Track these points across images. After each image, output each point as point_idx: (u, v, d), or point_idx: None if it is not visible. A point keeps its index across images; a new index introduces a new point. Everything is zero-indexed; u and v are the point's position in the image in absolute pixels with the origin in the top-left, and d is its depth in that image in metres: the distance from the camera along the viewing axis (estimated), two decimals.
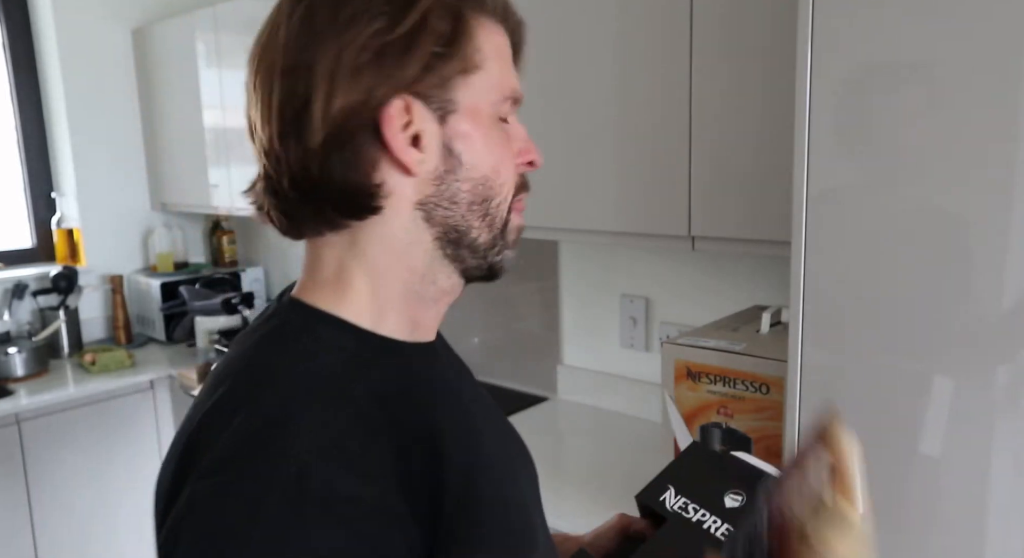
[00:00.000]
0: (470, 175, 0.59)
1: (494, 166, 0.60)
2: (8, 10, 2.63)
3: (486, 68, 0.59)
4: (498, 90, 0.60)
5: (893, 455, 0.92)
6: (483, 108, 0.59)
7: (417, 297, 0.62)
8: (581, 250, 2.01)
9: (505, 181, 0.61)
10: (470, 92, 0.59)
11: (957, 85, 0.83)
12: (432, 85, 0.57)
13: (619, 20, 1.44)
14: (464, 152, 0.59)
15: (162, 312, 2.65)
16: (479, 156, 0.59)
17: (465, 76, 0.58)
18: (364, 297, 0.60)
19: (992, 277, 0.83)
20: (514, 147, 0.62)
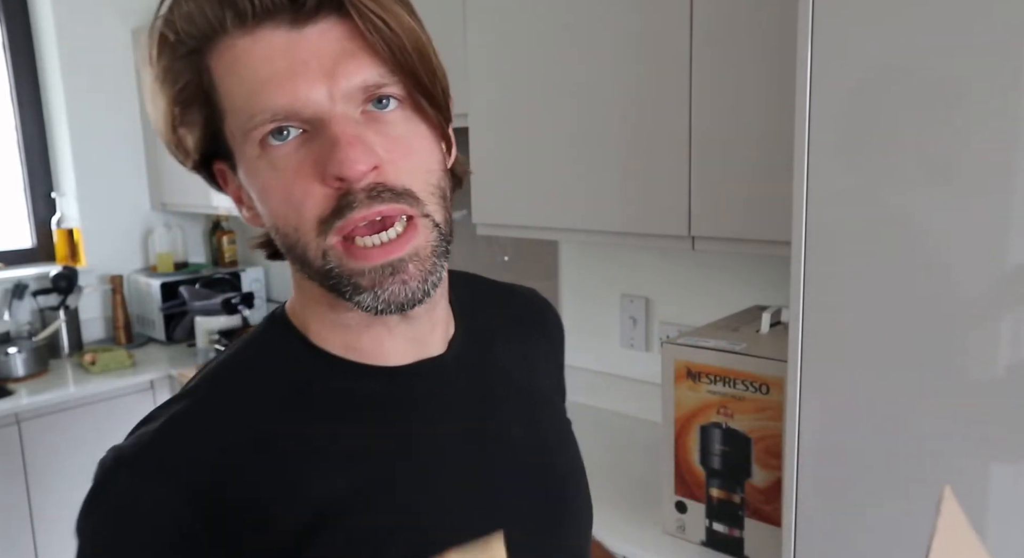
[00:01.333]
0: (268, 225, 0.55)
1: (275, 211, 0.53)
2: (8, 10, 2.63)
3: (226, 107, 0.52)
4: (242, 125, 0.51)
5: (893, 455, 0.92)
6: (244, 155, 0.52)
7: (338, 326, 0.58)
8: (581, 250, 2.01)
9: (299, 224, 0.51)
10: (230, 139, 0.53)
11: (958, 86, 0.83)
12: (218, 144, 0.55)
13: (619, 19, 1.44)
14: (255, 203, 0.55)
15: (162, 312, 2.65)
16: (261, 204, 0.54)
17: (223, 125, 0.53)
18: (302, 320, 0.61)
19: (992, 277, 0.83)
20: (317, 168, 0.50)
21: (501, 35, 1.63)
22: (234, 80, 0.50)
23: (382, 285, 0.52)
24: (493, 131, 1.68)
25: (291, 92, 0.49)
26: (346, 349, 0.58)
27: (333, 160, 0.49)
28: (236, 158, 0.53)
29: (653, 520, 1.37)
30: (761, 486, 1.22)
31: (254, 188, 0.53)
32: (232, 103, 0.51)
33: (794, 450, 1.00)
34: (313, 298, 0.58)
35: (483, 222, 1.76)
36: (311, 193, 0.50)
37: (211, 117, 0.53)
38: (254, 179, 0.52)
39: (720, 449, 1.26)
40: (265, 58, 0.49)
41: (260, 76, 0.49)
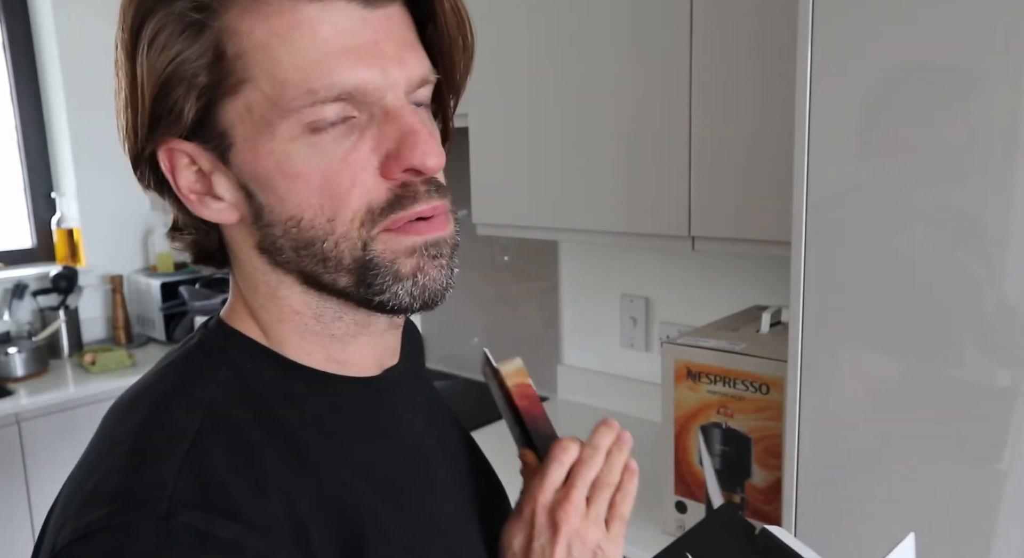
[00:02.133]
0: (275, 219, 0.48)
1: (303, 200, 0.47)
2: (8, 10, 2.63)
3: (254, 76, 0.45)
4: (285, 99, 0.45)
5: (893, 455, 0.92)
6: (271, 131, 0.46)
7: (322, 338, 0.53)
8: (581, 250, 2.01)
9: (336, 215, 0.47)
10: (242, 116, 0.46)
11: (958, 86, 0.83)
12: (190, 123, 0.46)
13: (619, 19, 1.44)
14: (259, 193, 0.48)
15: (162, 312, 2.65)
16: (277, 195, 0.47)
17: (228, 98, 0.46)
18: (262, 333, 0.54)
19: (992, 277, 0.83)
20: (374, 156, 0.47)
21: (501, 35, 1.63)
22: (286, 49, 0.44)
23: (423, 270, 0.49)
24: (493, 131, 1.68)
25: (376, 71, 0.45)
26: (327, 361, 0.54)
27: (414, 151, 0.46)
28: (235, 141, 0.47)
29: (653, 520, 1.37)
30: (761, 486, 1.22)
31: (272, 173, 0.46)
32: (275, 74, 0.44)
33: (794, 450, 1.00)
34: (293, 310, 0.52)
35: (483, 222, 1.76)
36: (362, 182, 0.47)
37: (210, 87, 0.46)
38: (280, 164, 0.46)
39: (720, 449, 1.26)
40: (339, 31, 0.44)
41: (331, 49, 0.44)
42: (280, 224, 0.48)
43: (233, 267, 0.54)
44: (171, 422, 0.48)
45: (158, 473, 0.45)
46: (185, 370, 0.52)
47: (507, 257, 2.19)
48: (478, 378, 2.38)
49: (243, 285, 0.53)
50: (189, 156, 0.48)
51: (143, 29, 0.45)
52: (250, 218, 0.49)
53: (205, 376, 0.51)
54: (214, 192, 0.49)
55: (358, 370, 0.56)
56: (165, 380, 0.52)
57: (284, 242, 0.49)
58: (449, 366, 2.40)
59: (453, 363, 2.40)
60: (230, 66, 0.45)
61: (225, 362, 0.52)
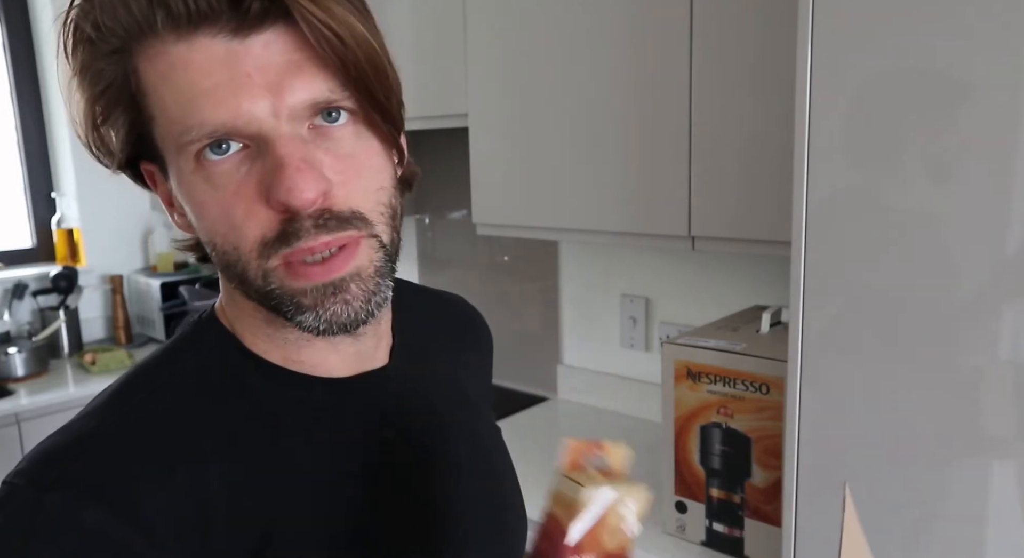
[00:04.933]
0: (202, 238, 0.51)
1: (211, 228, 0.49)
2: (8, 10, 2.63)
3: (155, 114, 0.48)
4: (175, 137, 0.47)
5: (893, 455, 0.92)
6: (176, 165, 0.48)
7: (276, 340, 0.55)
8: (581, 250, 2.01)
9: (238, 243, 0.48)
10: (161, 146, 0.49)
11: (958, 87, 0.83)
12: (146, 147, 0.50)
13: (620, 19, 1.44)
14: (187, 214, 0.51)
15: (162, 312, 2.65)
16: (195, 219, 0.50)
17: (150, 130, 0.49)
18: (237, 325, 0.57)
19: (992, 277, 0.83)
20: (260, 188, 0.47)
21: (501, 35, 1.63)
22: (168, 89, 0.46)
23: (323, 305, 0.49)
24: (493, 131, 1.68)
25: (233, 108, 0.45)
26: (286, 361, 0.55)
27: (280, 186, 0.45)
28: (167, 165, 0.50)
29: (653, 520, 1.37)
30: (761, 486, 1.22)
31: (188, 201, 0.49)
32: (165, 112, 0.47)
33: (794, 450, 1.00)
34: (247, 312, 0.54)
35: (483, 222, 1.76)
36: (253, 214, 0.47)
37: (137, 120, 0.49)
38: (188, 193, 0.48)
39: (720, 449, 1.26)
40: (203, 69, 0.45)
41: (197, 89, 0.45)
42: (207, 245, 0.51)
43: None
44: (119, 400, 0.52)
45: (75, 445, 0.48)
46: (161, 354, 0.56)
47: (507, 257, 2.19)
48: None
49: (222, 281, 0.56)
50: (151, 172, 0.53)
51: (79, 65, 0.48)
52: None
53: (171, 362, 0.55)
54: (175, 207, 0.52)
55: (323, 371, 0.56)
56: (145, 362, 0.56)
57: (213, 259, 0.51)
58: None
59: None
60: (142, 103, 0.48)
61: (193, 349, 0.56)
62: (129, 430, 0.50)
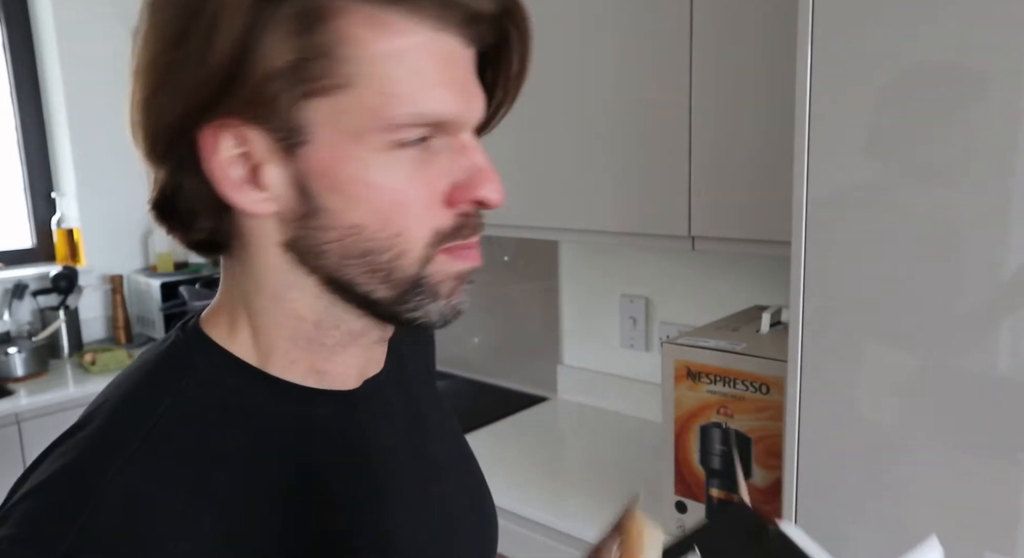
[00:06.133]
0: (335, 223, 0.47)
1: (376, 214, 0.47)
2: (8, 10, 2.63)
3: (359, 84, 0.44)
4: (379, 115, 0.45)
5: (893, 455, 0.92)
6: (360, 139, 0.45)
7: (312, 346, 0.52)
8: (581, 250, 2.01)
9: (404, 231, 0.47)
10: (331, 117, 0.45)
11: (958, 86, 0.83)
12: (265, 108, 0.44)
13: (619, 19, 1.44)
14: (322, 194, 0.46)
15: (162, 312, 2.65)
16: (346, 201, 0.46)
17: (322, 97, 0.44)
18: (247, 335, 0.52)
19: (992, 277, 0.83)
20: (443, 183, 0.48)
21: None
22: (405, 68, 0.45)
23: (457, 294, 0.51)
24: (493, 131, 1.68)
25: (464, 103, 0.48)
26: (308, 372, 0.53)
27: (486, 186, 0.49)
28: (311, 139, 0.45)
29: (653, 520, 1.37)
30: (761, 486, 1.22)
31: (343, 180, 0.46)
32: (385, 88, 0.44)
33: (794, 450, 1.00)
34: (295, 313, 0.51)
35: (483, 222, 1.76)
36: (435, 204, 0.48)
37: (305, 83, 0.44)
38: (357, 171, 0.46)
39: (720, 449, 1.26)
40: (445, 62, 0.46)
41: (438, 77, 0.46)
42: (338, 229, 0.47)
43: (234, 262, 0.52)
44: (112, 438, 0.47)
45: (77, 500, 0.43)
46: (147, 377, 0.51)
47: (507, 257, 2.19)
48: (478, 378, 2.39)
49: (245, 281, 0.51)
50: (240, 139, 0.45)
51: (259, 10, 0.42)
52: (293, 215, 0.47)
53: (163, 387, 0.50)
54: (259, 180, 0.46)
55: (338, 382, 0.55)
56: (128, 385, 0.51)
57: (332, 247, 0.47)
58: (449, 366, 2.40)
59: (453, 363, 2.40)
60: (334, 68, 0.44)
61: (188, 372, 0.50)
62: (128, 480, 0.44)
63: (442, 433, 0.66)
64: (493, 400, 2.12)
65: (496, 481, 1.74)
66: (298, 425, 0.52)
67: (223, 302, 0.53)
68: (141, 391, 0.50)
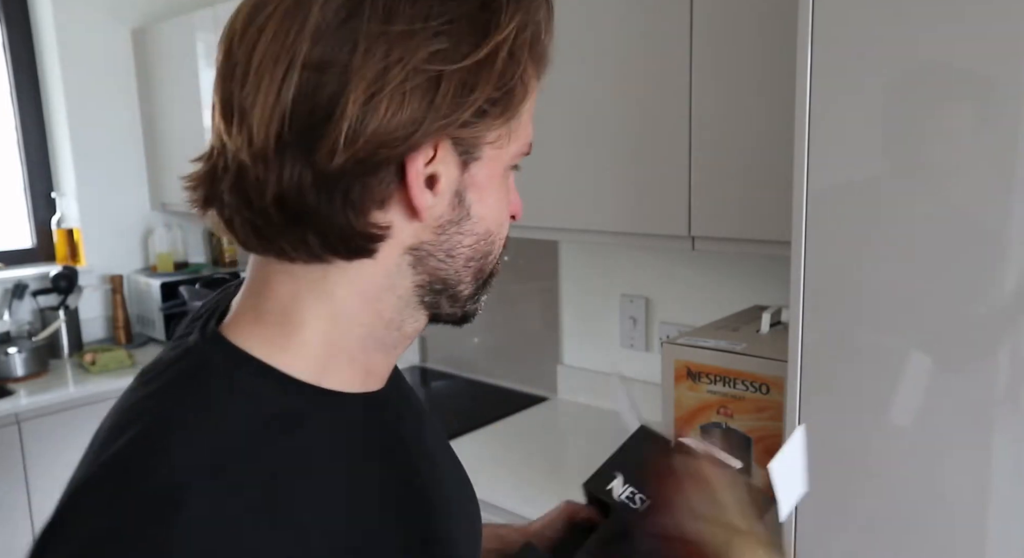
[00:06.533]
0: (475, 229, 0.53)
1: (498, 220, 0.56)
2: (8, 10, 2.63)
3: (521, 118, 0.54)
4: (523, 143, 0.56)
5: (893, 455, 0.92)
6: (504, 160, 0.54)
7: (377, 344, 0.55)
8: (581, 250, 2.01)
9: (502, 235, 0.57)
10: (499, 141, 0.53)
11: (958, 85, 0.83)
12: (472, 130, 0.50)
13: (619, 19, 1.44)
14: (475, 203, 0.53)
15: (162, 312, 2.65)
16: (488, 209, 0.54)
17: (503, 124, 0.52)
18: (314, 343, 0.51)
19: (992, 277, 0.83)
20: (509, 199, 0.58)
21: None
22: (529, 109, 0.57)
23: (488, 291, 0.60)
24: None
25: None
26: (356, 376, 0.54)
27: (518, 202, 0.59)
28: (478, 157, 0.52)
29: None
30: (761, 486, 1.22)
31: (489, 194, 0.54)
32: (526, 121, 0.56)
33: None
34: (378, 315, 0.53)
35: None
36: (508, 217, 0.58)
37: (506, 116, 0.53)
38: (497, 187, 0.55)
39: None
40: None
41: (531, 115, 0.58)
42: (476, 234, 0.54)
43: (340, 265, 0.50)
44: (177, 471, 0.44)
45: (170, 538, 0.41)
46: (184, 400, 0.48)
47: (507, 257, 2.19)
48: (478, 378, 2.39)
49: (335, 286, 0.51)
50: (436, 149, 0.49)
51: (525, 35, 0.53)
52: (438, 221, 0.51)
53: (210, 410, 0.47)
54: (435, 187, 0.50)
55: (375, 383, 0.57)
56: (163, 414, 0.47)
57: (466, 250, 0.54)
58: (449, 366, 2.40)
59: (453, 363, 2.40)
60: (512, 102, 0.52)
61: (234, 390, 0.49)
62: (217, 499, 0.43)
63: (431, 423, 0.68)
64: (493, 400, 2.12)
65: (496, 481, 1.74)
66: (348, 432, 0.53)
67: (271, 309, 0.51)
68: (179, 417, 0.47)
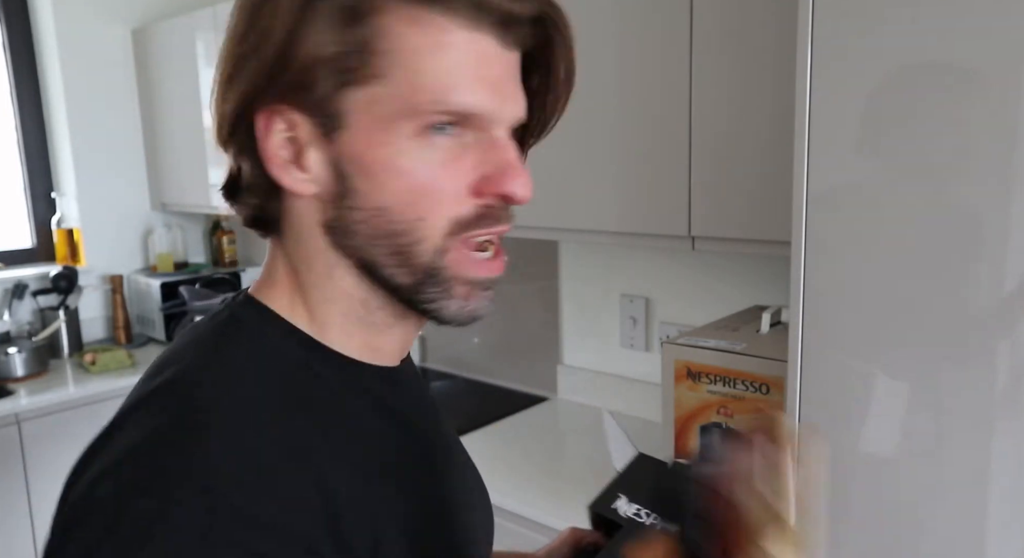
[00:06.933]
0: (363, 204, 0.50)
1: (400, 197, 0.50)
2: (8, 10, 2.63)
3: (393, 76, 0.48)
4: (407, 103, 0.48)
5: (892, 455, 0.92)
6: (388, 126, 0.49)
7: (364, 323, 0.55)
8: (581, 250, 2.01)
9: (427, 216, 0.50)
10: (366, 106, 0.49)
11: (958, 85, 0.83)
12: (309, 95, 0.49)
13: (619, 19, 1.44)
14: (354, 176, 0.50)
15: (162, 312, 2.65)
16: (374, 184, 0.50)
17: (359, 86, 0.48)
18: (303, 310, 0.55)
19: (991, 277, 0.83)
20: (473, 175, 0.51)
21: None
22: (435, 61, 0.48)
23: (473, 298, 0.53)
24: None
25: (498, 102, 0.51)
26: (363, 347, 0.56)
27: (514, 181, 0.51)
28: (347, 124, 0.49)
29: None
30: None
31: (374, 163, 0.49)
32: (416, 80, 0.48)
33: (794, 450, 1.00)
34: (345, 291, 0.54)
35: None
36: (459, 194, 0.51)
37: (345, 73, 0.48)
38: (387, 155, 0.49)
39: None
40: (478, 60, 0.49)
41: (468, 72, 0.49)
42: (366, 210, 0.50)
43: (285, 240, 0.55)
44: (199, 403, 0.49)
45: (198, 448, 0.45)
46: (217, 346, 0.53)
47: (507, 257, 2.19)
48: (478, 378, 2.39)
49: (296, 260, 0.55)
50: (288, 123, 0.50)
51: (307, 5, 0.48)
52: (330, 196, 0.51)
53: (238, 354, 0.52)
54: (301, 162, 0.51)
55: (387, 359, 0.58)
56: (199, 356, 0.53)
57: (361, 227, 0.51)
58: (449, 366, 2.40)
59: (453, 363, 2.40)
60: (371, 59, 0.48)
61: (260, 339, 0.53)
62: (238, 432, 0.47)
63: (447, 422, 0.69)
64: (493, 400, 2.12)
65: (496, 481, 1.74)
66: (357, 397, 0.55)
67: (276, 278, 0.56)
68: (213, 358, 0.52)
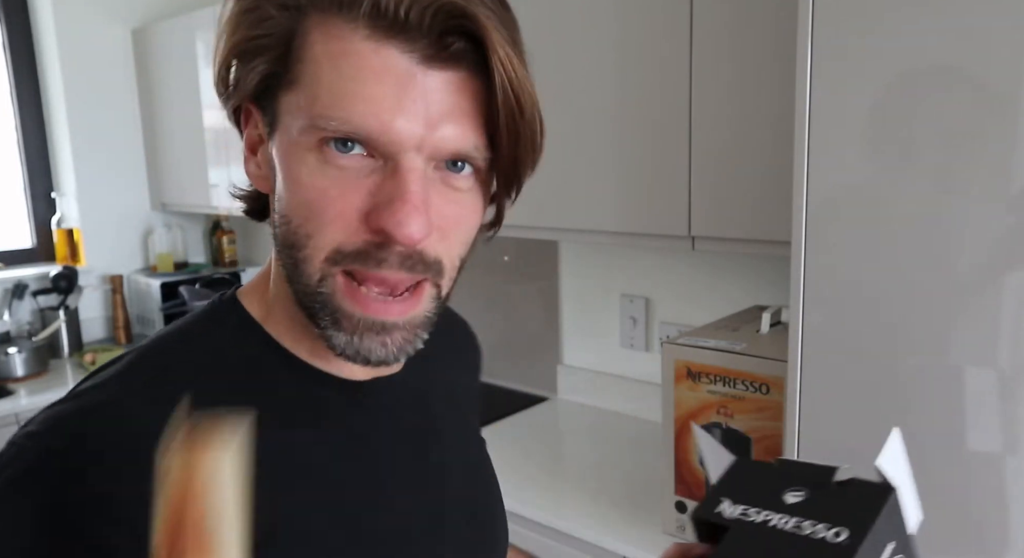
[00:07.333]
0: (279, 209, 0.50)
1: (296, 209, 0.48)
2: (8, 10, 2.63)
3: (302, 84, 0.46)
4: (312, 114, 0.46)
5: None
6: (292, 134, 0.47)
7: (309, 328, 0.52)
8: (581, 250, 2.01)
9: (314, 236, 0.47)
10: (288, 110, 0.48)
11: (958, 85, 0.83)
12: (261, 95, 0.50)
13: (619, 19, 1.44)
14: (278, 180, 0.50)
15: (162, 312, 2.65)
16: (286, 190, 0.49)
17: (286, 91, 0.48)
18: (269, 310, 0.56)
19: (991, 276, 0.83)
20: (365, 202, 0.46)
21: None
22: (331, 73, 0.45)
23: (362, 337, 0.48)
24: None
25: (386, 123, 0.45)
26: (312, 354, 0.55)
27: (392, 217, 0.45)
28: (278, 125, 0.49)
29: (653, 520, 1.37)
30: None
31: (286, 172, 0.48)
32: (314, 89, 0.46)
33: (794, 450, 1.00)
34: (286, 294, 0.53)
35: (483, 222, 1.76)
36: (346, 220, 0.46)
37: (276, 74, 0.48)
38: (292, 166, 0.47)
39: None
40: (378, 76, 0.44)
41: (361, 91, 0.45)
42: (279, 215, 0.50)
43: None
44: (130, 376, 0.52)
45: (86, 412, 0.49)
46: (176, 333, 0.57)
47: (507, 257, 2.19)
48: None
49: (274, 254, 0.55)
50: (255, 120, 0.52)
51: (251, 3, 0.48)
52: (274, 196, 0.51)
53: (185, 341, 0.56)
54: (258, 158, 0.53)
55: (345, 372, 0.57)
56: (160, 338, 0.56)
57: (278, 231, 0.51)
58: None
59: None
60: (292, 64, 0.47)
61: (211, 331, 0.56)
62: (138, 405, 0.50)
63: (454, 446, 0.67)
64: (493, 400, 2.12)
65: None
66: (302, 401, 0.55)
67: (261, 275, 0.58)
68: (168, 341, 0.56)
